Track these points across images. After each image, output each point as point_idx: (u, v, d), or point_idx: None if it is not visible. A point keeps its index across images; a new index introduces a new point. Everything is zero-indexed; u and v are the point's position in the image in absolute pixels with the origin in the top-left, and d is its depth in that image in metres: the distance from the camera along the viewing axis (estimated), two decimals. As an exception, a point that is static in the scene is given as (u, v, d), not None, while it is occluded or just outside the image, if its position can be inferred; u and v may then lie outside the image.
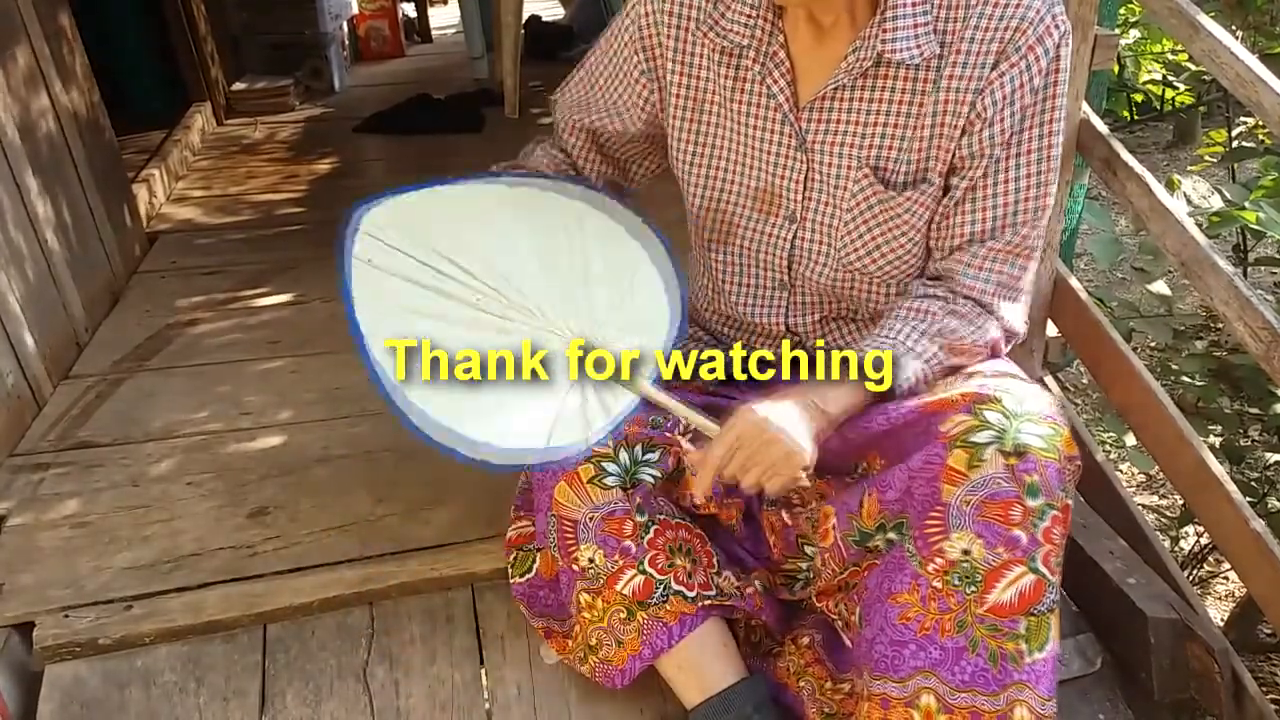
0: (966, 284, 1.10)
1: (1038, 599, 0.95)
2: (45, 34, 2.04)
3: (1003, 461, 0.95)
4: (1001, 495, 0.95)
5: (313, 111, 3.56)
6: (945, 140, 1.06)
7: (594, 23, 4.04)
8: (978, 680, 0.96)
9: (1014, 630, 0.95)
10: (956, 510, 0.96)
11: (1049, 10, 1.01)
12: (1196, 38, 1.26)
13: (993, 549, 0.95)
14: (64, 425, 1.70)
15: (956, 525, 0.96)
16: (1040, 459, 0.95)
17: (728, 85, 1.14)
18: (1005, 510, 0.94)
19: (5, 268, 1.71)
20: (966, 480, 0.96)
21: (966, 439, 0.96)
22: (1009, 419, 0.96)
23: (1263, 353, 1.20)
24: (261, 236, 2.47)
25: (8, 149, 1.80)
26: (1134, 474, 3.00)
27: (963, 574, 0.96)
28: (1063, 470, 0.96)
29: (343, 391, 1.75)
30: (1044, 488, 0.95)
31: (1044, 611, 0.95)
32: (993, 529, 0.95)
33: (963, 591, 0.96)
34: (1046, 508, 0.95)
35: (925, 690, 0.98)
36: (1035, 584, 0.95)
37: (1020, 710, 0.95)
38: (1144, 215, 1.37)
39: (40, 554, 1.39)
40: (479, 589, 1.36)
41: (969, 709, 0.96)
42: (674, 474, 1.23)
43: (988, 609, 0.95)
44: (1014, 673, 0.95)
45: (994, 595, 0.95)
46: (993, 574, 0.95)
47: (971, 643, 0.96)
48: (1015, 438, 0.95)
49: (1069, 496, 0.98)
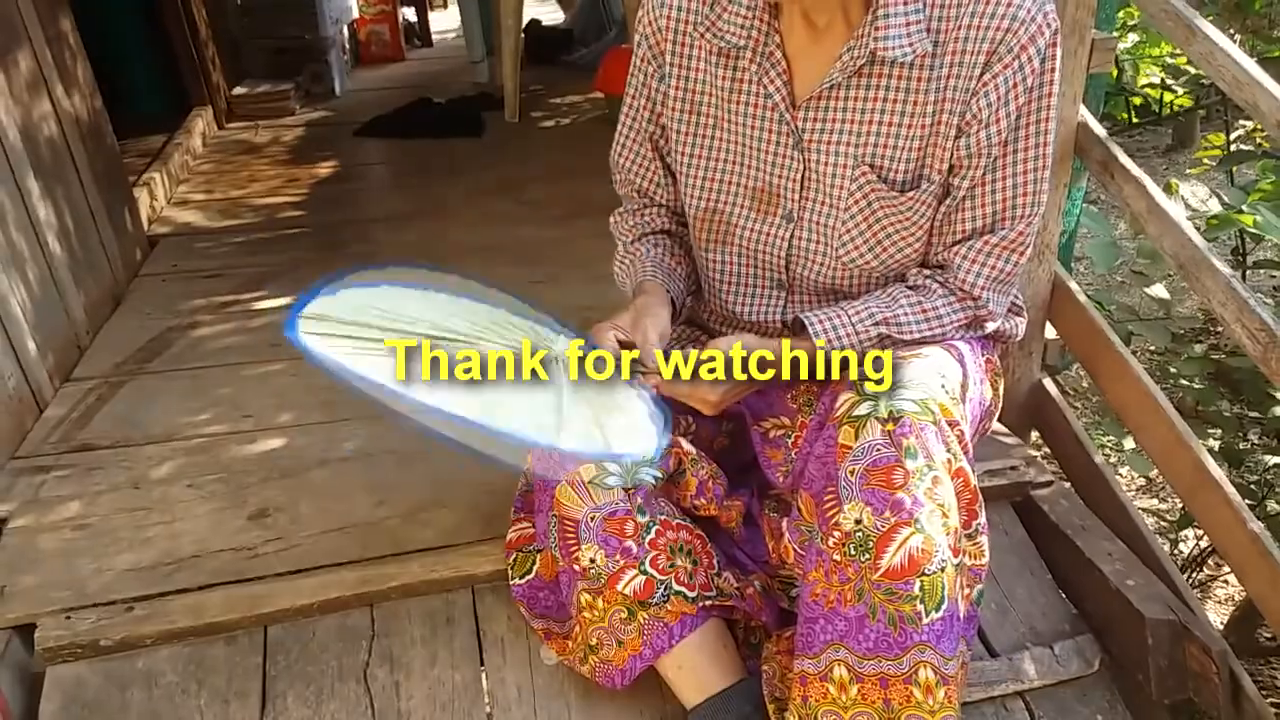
0: (960, 276, 1.13)
1: (927, 559, 0.96)
2: (47, 38, 2.05)
3: (880, 429, 0.98)
4: (883, 461, 0.98)
5: (313, 115, 3.57)
6: (942, 139, 1.08)
7: (594, 27, 4.06)
8: (881, 646, 0.97)
9: (909, 592, 0.96)
10: (845, 482, 0.99)
11: (1040, 9, 1.02)
12: (1193, 40, 1.27)
13: (880, 514, 0.97)
14: (65, 428, 1.71)
15: (847, 496, 0.99)
16: (915, 422, 0.98)
17: (725, 86, 1.15)
18: (888, 475, 0.97)
19: (7, 271, 1.72)
20: (851, 452, 0.99)
21: (850, 414, 1.01)
22: (888, 391, 1.00)
23: (1260, 354, 1.21)
24: (262, 240, 2.48)
25: (10, 152, 1.81)
26: (1134, 478, 3.00)
27: (857, 543, 0.98)
28: (941, 432, 1.00)
29: (343, 394, 1.74)
30: (921, 449, 0.98)
31: (935, 571, 0.96)
32: (878, 495, 0.97)
33: (858, 560, 0.98)
34: (926, 468, 0.98)
35: (837, 663, 1.00)
36: (923, 543, 0.96)
37: (924, 671, 0.97)
38: (1141, 217, 1.37)
39: (41, 556, 1.40)
40: (479, 591, 1.36)
41: (877, 675, 0.98)
42: (675, 475, 1.24)
43: (882, 574, 0.97)
44: (913, 634, 0.96)
45: (886, 560, 0.96)
46: (883, 539, 0.97)
47: (871, 609, 0.97)
48: (890, 405, 0.99)
49: (957, 460, 1.01)
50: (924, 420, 0.99)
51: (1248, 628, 2.25)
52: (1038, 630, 1.34)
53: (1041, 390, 1.65)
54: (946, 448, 1.00)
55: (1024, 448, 1.55)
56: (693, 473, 1.24)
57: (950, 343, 1.14)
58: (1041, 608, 1.38)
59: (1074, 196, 1.83)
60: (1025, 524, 1.48)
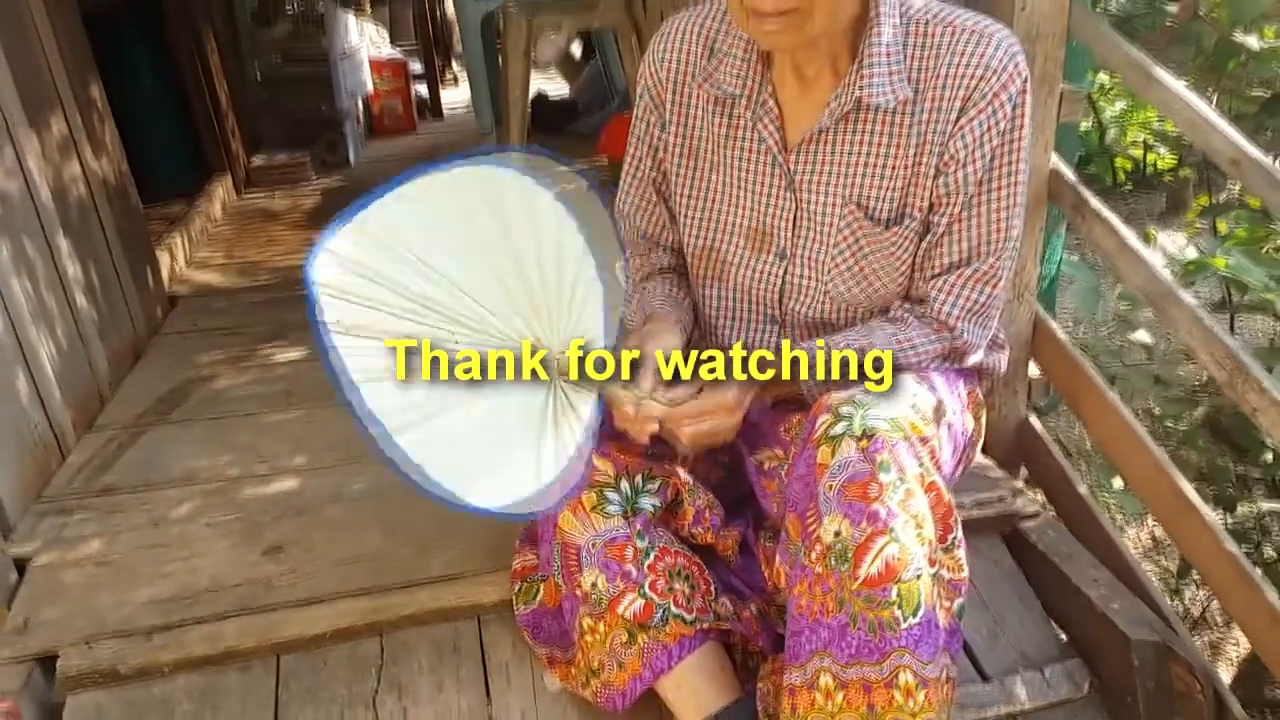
0: (937, 308, 1.20)
1: (903, 566, 1.01)
2: (78, 105, 2.17)
3: (855, 445, 1.04)
4: (859, 476, 1.03)
5: (328, 183, 3.70)
6: (923, 179, 1.16)
7: (598, 99, 4.21)
8: (863, 652, 1.02)
9: (886, 599, 1.01)
10: (824, 497, 1.05)
11: (1010, 59, 1.11)
12: (1152, 88, 1.36)
13: (857, 525, 1.02)
14: (87, 473, 1.77)
15: (826, 510, 1.04)
16: (887, 438, 1.04)
17: (721, 132, 1.24)
18: (864, 489, 1.02)
19: (36, 323, 1.80)
20: (828, 469, 1.05)
21: (828, 434, 1.06)
22: (857, 409, 1.06)
23: (1226, 379, 1.27)
24: (278, 298, 2.57)
25: (41, 211, 1.91)
26: (1140, 537, 3.02)
27: (837, 554, 1.03)
28: (913, 447, 1.06)
29: (355, 438, 1.80)
30: (894, 464, 1.03)
31: (911, 579, 1.01)
32: (855, 507, 1.02)
33: (839, 570, 1.03)
34: (899, 481, 1.03)
35: (822, 671, 1.04)
36: (899, 552, 1.01)
37: (904, 675, 1.01)
38: (1112, 255, 1.45)
39: (64, 591, 1.45)
40: (485, 620, 1.41)
41: (860, 681, 1.02)
42: (673, 505, 1.29)
43: (861, 582, 1.01)
44: (892, 639, 1.01)
45: (864, 568, 1.01)
46: (860, 549, 1.01)
47: (852, 617, 1.02)
48: (863, 423, 1.05)
49: (930, 474, 1.07)
50: (895, 436, 1.05)
51: (1255, 682, 2.26)
52: (1028, 655, 1.38)
53: (1028, 428, 1.70)
54: (919, 462, 1.06)
55: (1011, 480, 1.60)
56: (690, 502, 1.29)
57: (923, 373, 1.20)
58: (1031, 633, 1.41)
59: (1053, 244, 1.91)
60: (1014, 554, 1.52)
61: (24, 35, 1.94)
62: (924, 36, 1.13)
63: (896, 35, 1.12)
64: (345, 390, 1.12)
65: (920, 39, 1.13)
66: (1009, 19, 1.42)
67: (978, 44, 1.10)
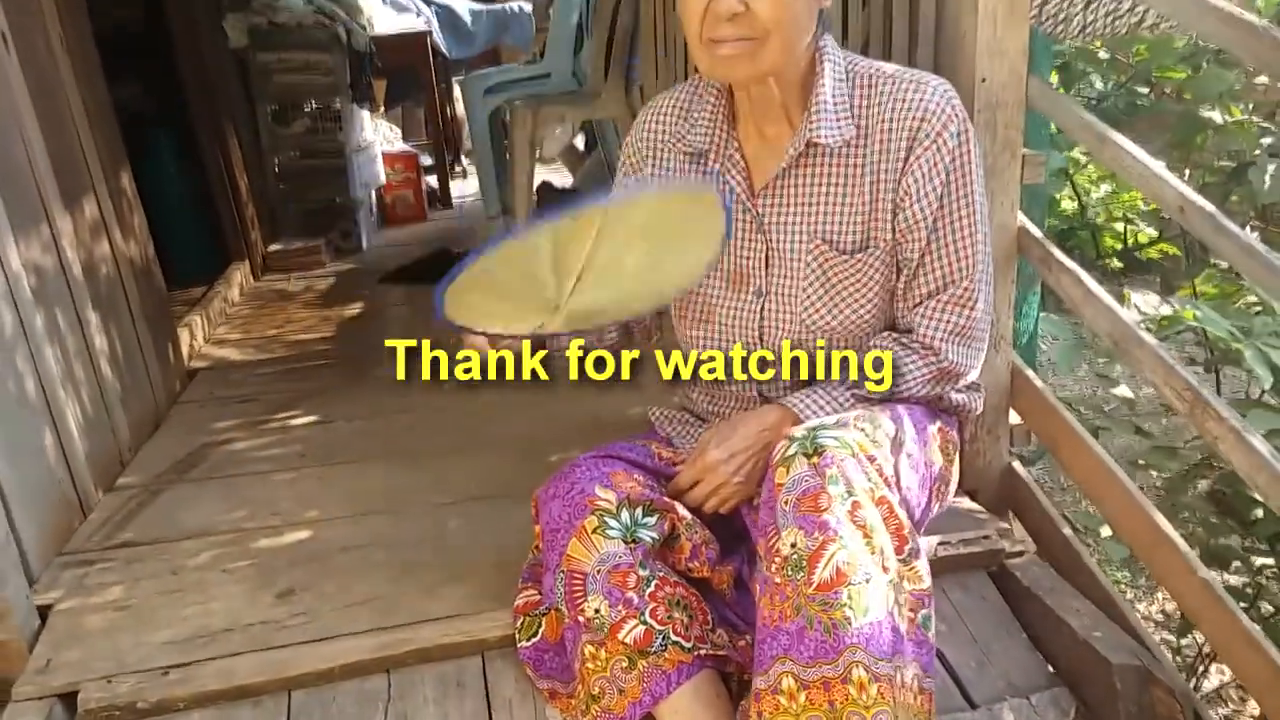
0: (922, 333, 1.31)
1: (853, 571, 1.09)
2: (110, 191, 2.31)
3: (807, 462, 1.13)
4: (810, 490, 1.12)
5: (342, 267, 3.85)
6: (881, 212, 1.29)
7: (599, 186, 4.39)
8: (820, 652, 1.08)
9: (838, 600, 1.08)
10: (781, 512, 1.13)
11: (947, 102, 1.26)
12: (1105, 146, 1.47)
13: (810, 535, 1.10)
14: (108, 529, 1.84)
15: (784, 525, 1.13)
16: (835, 455, 1.13)
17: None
18: (815, 501, 1.11)
19: (65, 388, 1.90)
20: (784, 487, 1.14)
21: (783, 456, 1.16)
22: (810, 430, 1.16)
23: (1187, 410, 1.35)
24: (293, 369, 2.68)
25: (73, 286, 2.03)
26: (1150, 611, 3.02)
27: (793, 564, 1.11)
28: (860, 464, 1.14)
29: (366, 493, 1.90)
30: (842, 477, 1.12)
31: (860, 582, 1.09)
32: (808, 519, 1.11)
33: (795, 579, 1.10)
34: (846, 494, 1.12)
35: (784, 674, 1.10)
36: (849, 558, 1.09)
37: (857, 670, 1.07)
38: (1078, 303, 1.54)
39: (85, 633, 1.51)
40: (488, 656, 1.46)
41: (819, 680, 1.08)
42: (670, 539, 1.36)
43: (815, 588, 1.09)
44: (845, 638, 1.07)
45: (817, 574, 1.09)
46: (814, 556, 1.09)
47: (809, 620, 1.09)
48: (813, 441, 1.15)
49: (879, 489, 1.15)
50: (844, 453, 1.14)
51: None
52: (1015, 684, 1.42)
53: (1012, 473, 1.77)
54: (867, 477, 1.15)
55: (997, 522, 1.66)
56: (687, 537, 1.36)
57: (890, 404, 1.29)
58: (1018, 663, 1.46)
59: (1030, 300, 2.01)
60: (1001, 589, 1.57)
61: (63, 128, 2.10)
62: (868, 87, 1.28)
63: (841, 86, 1.27)
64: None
65: (865, 89, 1.28)
66: (970, 90, 1.54)
67: (917, 90, 1.25)
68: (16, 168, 1.84)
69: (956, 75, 1.56)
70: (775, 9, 1.18)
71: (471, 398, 2.30)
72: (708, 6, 1.18)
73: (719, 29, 1.19)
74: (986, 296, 1.33)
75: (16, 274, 1.76)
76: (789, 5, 1.19)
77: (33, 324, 1.79)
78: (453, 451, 2.07)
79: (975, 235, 1.29)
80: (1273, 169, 2.37)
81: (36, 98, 1.94)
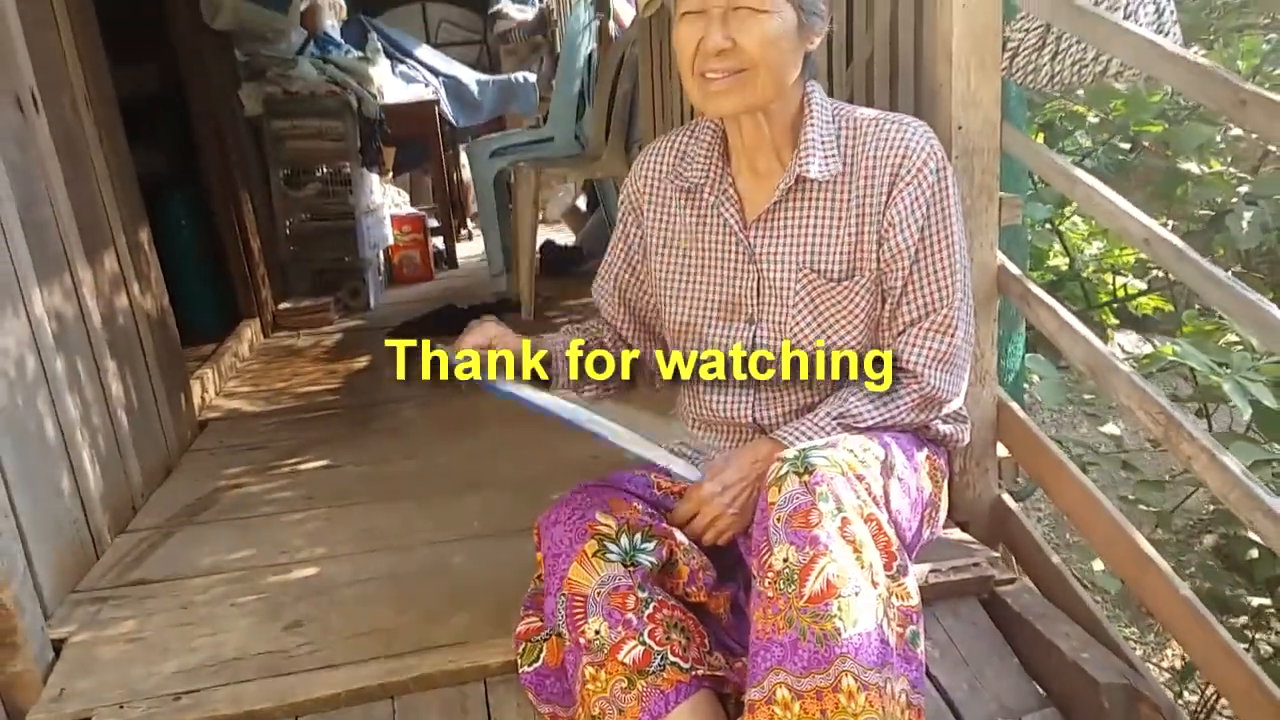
0: (905, 360, 1.37)
1: (843, 583, 1.13)
2: (129, 245, 2.41)
3: (798, 481, 1.19)
4: (801, 506, 1.17)
5: (350, 324, 3.94)
6: (867, 243, 1.36)
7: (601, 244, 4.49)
8: (813, 663, 1.12)
9: (828, 612, 1.12)
10: (773, 529, 1.18)
11: (926, 141, 1.35)
12: (1076, 187, 1.55)
13: (801, 550, 1.15)
14: (120, 568, 1.89)
15: (776, 541, 1.17)
16: (825, 473, 1.19)
17: (693, 219, 1.45)
18: (805, 517, 1.16)
19: (82, 432, 1.96)
20: (776, 505, 1.19)
21: (776, 476, 1.21)
22: (801, 451, 1.22)
23: (1162, 433, 1.40)
24: (301, 419, 2.74)
25: (92, 334, 2.11)
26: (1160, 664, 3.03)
27: (785, 578, 1.15)
28: (850, 482, 1.20)
29: (372, 531, 1.95)
30: (832, 495, 1.18)
31: (850, 595, 1.13)
32: (799, 534, 1.16)
33: (787, 592, 1.15)
34: (836, 510, 1.17)
35: (779, 685, 1.13)
36: (838, 571, 1.13)
37: (846, 679, 1.10)
38: (1054, 334, 1.61)
39: (98, 664, 1.55)
40: (491, 683, 1.49)
41: (813, 690, 1.11)
42: (668, 565, 1.40)
43: (806, 600, 1.13)
44: (835, 648, 1.11)
45: (808, 587, 1.13)
46: (805, 570, 1.14)
47: (801, 632, 1.13)
48: (804, 460, 1.20)
49: (868, 507, 1.20)
50: (833, 472, 1.20)
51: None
52: (1006, 706, 1.45)
53: (1002, 505, 1.81)
54: (856, 495, 1.20)
55: (988, 551, 1.70)
56: (684, 562, 1.40)
57: (878, 433, 1.35)
58: (1009, 686, 1.48)
59: (1015, 340, 2.08)
60: (992, 615, 1.61)
61: (86, 184, 2.20)
62: (853, 127, 1.37)
63: (829, 126, 1.36)
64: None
65: (850, 129, 1.37)
66: (948, 136, 1.63)
67: (899, 130, 1.34)
68: (42, 220, 1.94)
69: (935, 123, 1.65)
70: (761, 45, 1.28)
71: (474, 439, 2.36)
72: (699, 44, 1.29)
73: (709, 63, 1.30)
74: (967, 324, 1.40)
75: (40, 320, 1.83)
76: (774, 42, 1.29)
77: (54, 369, 1.87)
78: (456, 492, 2.12)
79: (954, 265, 1.37)
80: (1249, 216, 2.46)
81: (63, 155, 2.05)
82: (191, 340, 3.36)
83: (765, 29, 1.28)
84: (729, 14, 1.28)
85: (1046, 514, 3.44)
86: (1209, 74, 1.28)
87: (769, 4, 1.27)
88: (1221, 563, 2.51)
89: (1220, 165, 2.89)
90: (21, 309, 1.77)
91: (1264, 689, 1.26)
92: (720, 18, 1.28)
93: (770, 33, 1.28)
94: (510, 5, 6.56)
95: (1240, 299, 1.25)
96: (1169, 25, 1.67)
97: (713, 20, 1.28)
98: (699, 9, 1.30)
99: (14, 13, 1.90)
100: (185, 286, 3.57)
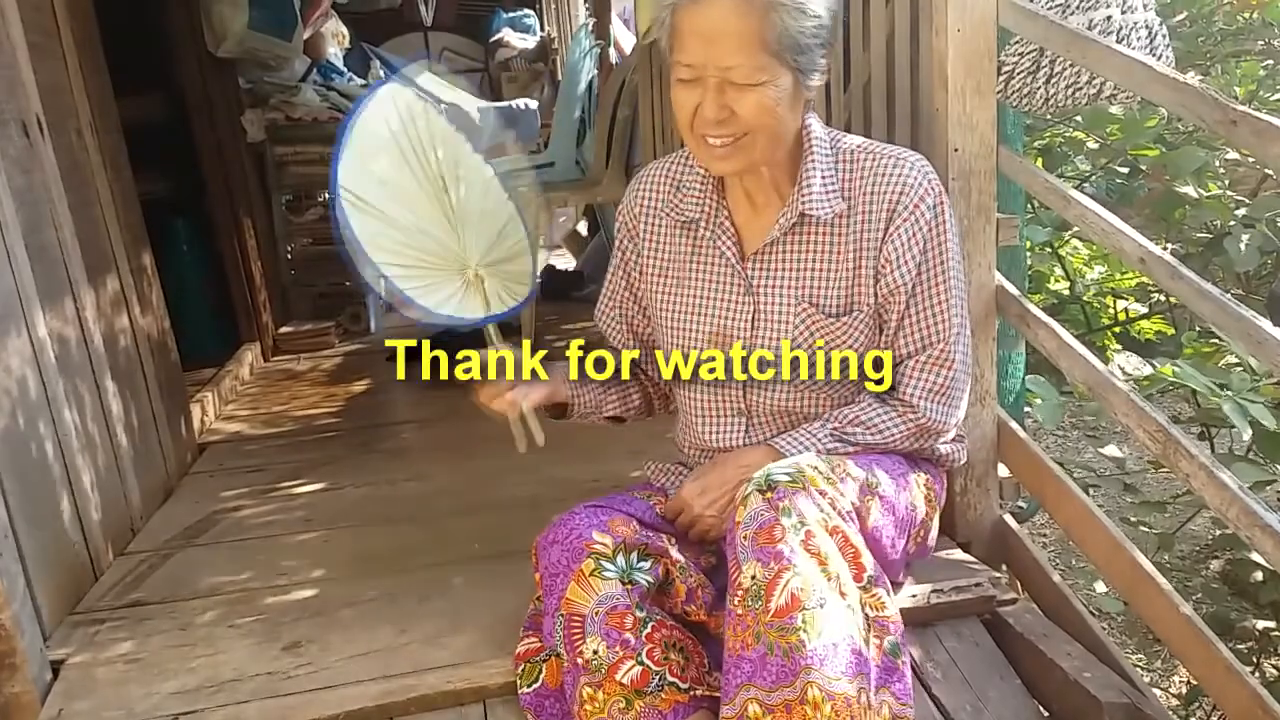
0: (902, 392, 1.38)
1: (806, 596, 1.14)
2: (131, 269, 2.42)
3: (761, 498, 1.20)
4: (765, 523, 1.18)
5: (350, 347, 3.95)
6: (865, 278, 1.36)
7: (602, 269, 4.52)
8: (780, 676, 1.12)
9: (793, 625, 1.13)
10: (741, 547, 1.19)
11: (924, 177, 1.35)
12: (1070, 206, 1.56)
13: (767, 566, 1.16)
14: (119, 590, 1.88)
15: (744, 559, 1.18)
16: (787, 489, 1.20)
17: (687, 251, 1.46)
18: (769, 533, 1.17)
19: (82, 453, 1.96)
20: (742, 523, 1.20)
21: (742, 496, 1.22)
22: (765, 471, 1.23)
23: (1160, 450, 1.40)
24: (300, 441, 2.74)
25: (93, 356, 2.11)
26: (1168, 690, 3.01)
27: (753, 595, 1.16)
28: (812, 497, 1.20)
29: (371, 553, 1.94)
30: (794, 510, 1.19)
31: (814, 607, 1.13)
32: (764, 550, 1.17)
33: (754, 608, 1.15)
34: (799, 524, 1.18)
35: (750, 701, 1.14)
36: (802, 584, 1.14)
37: (812, 690, 1.11)
38: (1054, 354, 1.61)
39: (96, 685, 1.54)
40: (490, 703, 1.48)
41: (781, 703, 1.12)
42: (665, 584, 1.40)
43: (772, 614, 1.14)
44: (800, 659, 1.12)
45: (774, 601, 1.14)
46: (770, 585, 1.15)
47: (769, 647, 1.13)
48: (767, 478, 1.21)
49: (833, 520, 1.21)
50: (795, 488, 1.21)
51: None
52: (1009, 726, 1.44)
53: (1003, 525, 1.81)
54: (819, 509, 1.21)
55: (990, 571, 1.70)
56: (681, 580, 1.40)
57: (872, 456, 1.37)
58: (1012, 706, 1.48)
59: (1014, 360, 2.08)
60: (994, 636, 1.60)
61: (90, 208, 2.22)
62: (852, 162, 1.37)
63: (829, 162, 1.36)
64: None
65: (849, 165, 1.37)
66: (945, 160, 1.65)
67: (896, 166, 1.34)
68: (47, 244, 1.95)
69: (932, 146, 1.67)
70: (758, 114, 1.27)
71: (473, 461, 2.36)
72: (696, 110, 1.29)
73: (708, 129, 1.29)
74: (963, 357, 1.40)
75: (42, 341, 1.84)
76: (771, 110, 1.27)
77: (55, 391, 1.87)
78: (455, 514, 2.12)
79: (951, 300, 1.37)
80: (1247, 238, 2.47)
81: (67, 180, 2.07)
82: (192, 364, 3.37)
83: (762, 99, 1.26)
84: (724, 84, 1.26)
85: (1052, 539, 3.43)
86: (1199, 94, 1.30)
87: (764, 75, 1.25)
88: (1228, 588, 2.51)
89: (1218, 188, 2.91)
90: (24, 331, 1.78)
91: (1266, 708, 1.26)
92: (716, 86, 1.26)
93: (767, 102, 1.27)
94: (511, 33, 6.64)
95: (1234, 314, 1.26)
96: (1161, 50, 1.70)
97: (709, 89, 1.26)
98: (693, 78, 1.28)
99: (21, 40, 1.92)
100: (187, 310, 3.59)
